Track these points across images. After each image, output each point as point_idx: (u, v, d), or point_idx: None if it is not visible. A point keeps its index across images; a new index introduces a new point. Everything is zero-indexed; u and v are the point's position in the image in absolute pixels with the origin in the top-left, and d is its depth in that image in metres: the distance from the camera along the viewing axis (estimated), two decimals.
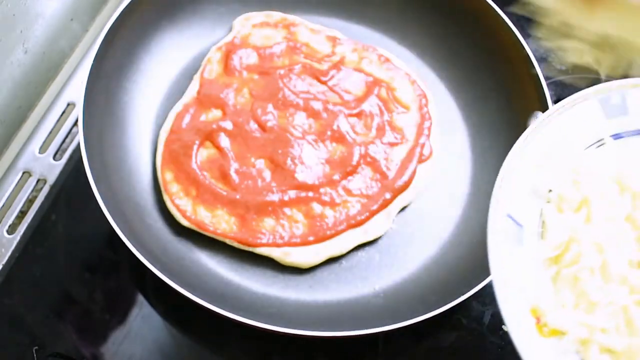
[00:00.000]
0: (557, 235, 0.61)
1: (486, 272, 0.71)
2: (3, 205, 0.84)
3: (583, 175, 0.65)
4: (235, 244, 0.78)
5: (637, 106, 0.69)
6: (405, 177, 0.83)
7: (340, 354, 0.77)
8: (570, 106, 0.67)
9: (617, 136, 0.69)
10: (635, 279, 0.59)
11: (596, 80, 0.95)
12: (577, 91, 0.94)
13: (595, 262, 0.60)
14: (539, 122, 0.66)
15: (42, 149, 0.88)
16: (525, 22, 0.98)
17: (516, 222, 0.62)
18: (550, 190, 0.65)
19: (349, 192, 0.81)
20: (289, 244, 0.78)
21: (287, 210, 0.80)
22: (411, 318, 0.69)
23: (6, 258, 0.80)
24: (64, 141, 0.88)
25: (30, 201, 0.84)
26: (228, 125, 0.83)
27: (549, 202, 0.64)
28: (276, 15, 0.92)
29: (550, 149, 0.66)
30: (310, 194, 0.80)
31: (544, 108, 0.80)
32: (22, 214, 0.83)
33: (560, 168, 0.66)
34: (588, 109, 0.68)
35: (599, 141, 0.68)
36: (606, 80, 0.93)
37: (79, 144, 0.79)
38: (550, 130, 0.67)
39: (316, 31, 0.92)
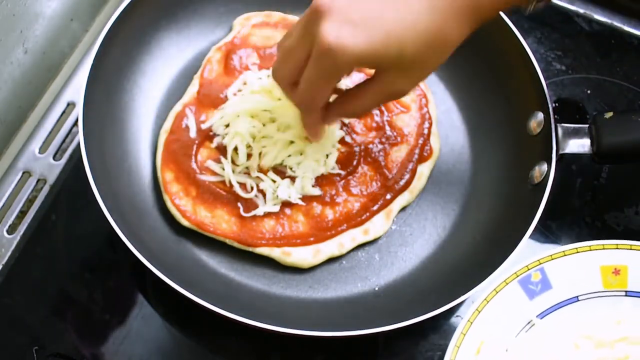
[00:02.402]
0: None
1: (486, 271, 0.72)
2: (3, 205, 0.84)
3: None
4: (235, 244, 0.78)
5: (558, 278, 0.70)
6: (405, 177, 0.83)
7: (340, 354, 0.77)
8: (494, 294, 0.68)
9: (543, 314, 0.69)
10: None
11: (597, 81, 0.96)
12: (577, 91, 0.94)
13: None
14: (465, 322, 0.67)
15: (42, 149, 0.88)
16: (526, 22, 0.98)
17: None
18: None
19: (349, 192, 0.81)
20: (289, 244, 0.78)
21: (287, 210, 0.80)
22: (411, 318, 0.69)
23: (6, 258, 0.80)
24: (64, 141, 0.88)
25: (30, 201, 0.84)
26: None
27: None
28: (276, 15, 0.92)
29: (481, 345, 0.66)
30: None
31: (544, 108, 0.80)
32: (22, 214, 0.83)
33: None
34: (511, 293, 0.69)
35: (527, 324, 0.69)
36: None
37: (79, 144, 0.79)
38: (479, 324, 0.67)
39: None
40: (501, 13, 0.85)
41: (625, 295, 0.70)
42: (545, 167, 0.77)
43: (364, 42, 0.60)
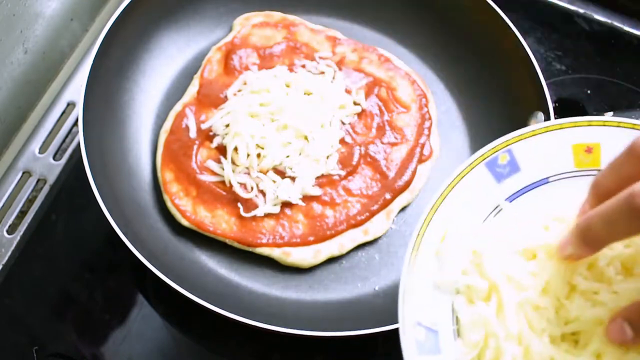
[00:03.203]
0: (472, 333, 0.58)
1: None
2: (3, 205, 0.84)
3: (485, 257, 0.61)
4: (235, 244, 0.78)
5: (526, 160, 0.65)
6: (405, 177, 0.83)
7: (340, 354, 0.77)
8: (459, 179, 0.63)
9: (512, 197, 0.65)
10: (561, 356, 0.56)
11: (597, 81, 0.96)
12: (577, 91, 0.94)
13: (517, 353, 0.56)
14: (429, 208, 0.61)
15: (42, 149, 0.88)
16: (526, 22, 0.98)
17: (429, 328, 0.58)
18: (456, 282, 0.60)
19: (349, 192, 0.81)
20: (289, 244, 0.78)
21: (287, 210, 0.80)
22: None
23: (6, 258, 0.80)
24: (64, 141, 0.88)
25: (30, 201, 0.84)
26: None
27: (459, 292, 0.60)
28: (276, 15, 0.92)
29: (446, 232, 0.62)
30: None
31: (544, 108, 0.80)
32: (22, 214, 0.83)
33: (460, 252, 0.62)
34: (477, 177, 0.64)
35: (495, 208, 0.64)
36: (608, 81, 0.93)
37: (79, 144, 0.79)
38: (444, 211, 0.62)
39: (316, 31, 0.92)
40: (501, 13, 0.85)
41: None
42: None
43: None
